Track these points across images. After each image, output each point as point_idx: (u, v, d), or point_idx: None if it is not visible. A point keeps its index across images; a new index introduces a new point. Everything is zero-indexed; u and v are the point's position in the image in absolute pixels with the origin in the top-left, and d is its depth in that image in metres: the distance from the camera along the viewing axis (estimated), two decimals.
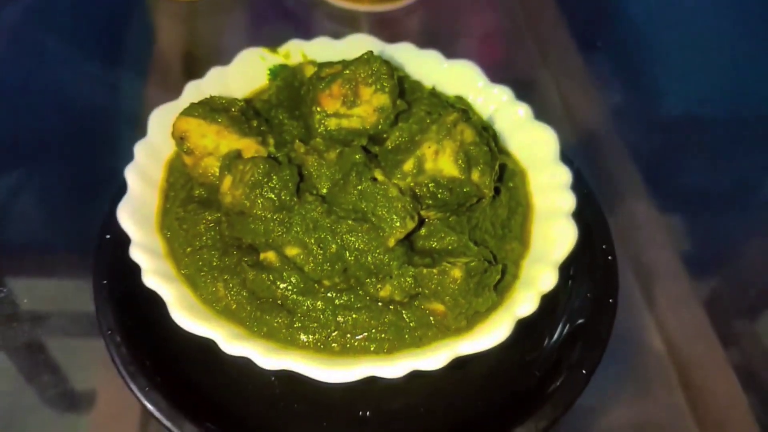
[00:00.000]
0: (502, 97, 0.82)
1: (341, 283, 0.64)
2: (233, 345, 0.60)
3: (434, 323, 0.63)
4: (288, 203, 0.64)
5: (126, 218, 0.68)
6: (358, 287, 0.63)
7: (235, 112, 0.72)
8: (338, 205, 0.64)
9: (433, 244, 0.66)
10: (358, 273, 0.63)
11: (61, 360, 0.86)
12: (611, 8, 1.44)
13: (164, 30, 1.30)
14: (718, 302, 0.96)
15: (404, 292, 0.62)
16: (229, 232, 0.66)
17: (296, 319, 0.63)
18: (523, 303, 0.65)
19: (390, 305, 0.63)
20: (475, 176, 0.66)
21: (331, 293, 0.63)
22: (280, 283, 0.63)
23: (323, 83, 0.71)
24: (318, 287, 0.63)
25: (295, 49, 0.87)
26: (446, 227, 0.67)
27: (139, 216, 0.70)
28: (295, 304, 0.63)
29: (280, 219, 0.63)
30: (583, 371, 0.71)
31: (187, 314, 0.62)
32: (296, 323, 0.63)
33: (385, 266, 0.62)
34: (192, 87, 0.81)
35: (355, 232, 0.62)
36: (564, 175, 0.74)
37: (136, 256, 0.65)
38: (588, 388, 0.70)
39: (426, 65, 0.86)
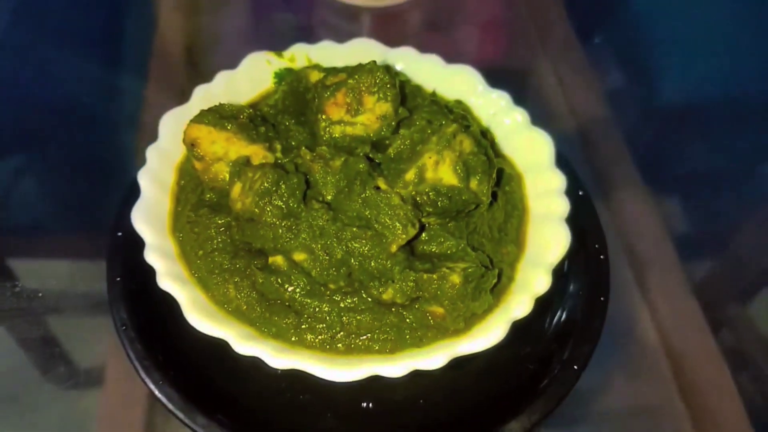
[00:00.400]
0: (500, 102, 0.85)
1: (346, 287, 0.67)
2: (244, 345, 0.64)
3: (434, 324, 0.67)
4: (295, 210, 0.67)
5: (140, 222, 0.71)
6: (362, 290, 0.67)
7: (243, 119, 0.75)
8: (343, 212, 0.67)
9: (433, 248, 0.70)
10: (362, 277, 0.67)
11: (70, 339, 0.89)
12: None
13: (166, 22, 1.31)
14: (710, 289, 1.00)
15: (405, 296, 0.66)
16: (239, 237, 0.69)
17: (303, 320, 0.66)
18: (518, 305, 0.68)
19: (392, 307, 0.67)
20: (473, 184, 0.69)
21: (336, 296, 0.67)
22: (288, 286, 0.66)
23: (328, 92, 0.74)
24: (324, 290, 0.67)
25: (299, 53, 0.89)
26: (445, 232, 0.70)
27: (152, 219, 0.73)
28: (303, 306, 0.67)
29: (288, 226, 0.66)
30: (575, 367, 0.75)
31: (200, 316, 0.65)
32: (303, 324, 0.66)
33: (387, 271, 0.66)
34: (201, 91, 0.83)
35: (359, 239, 0.65)
36: (558, 181, 0.78)
37: (151, 259, 0.68)
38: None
39: (427, 70, 0.88)
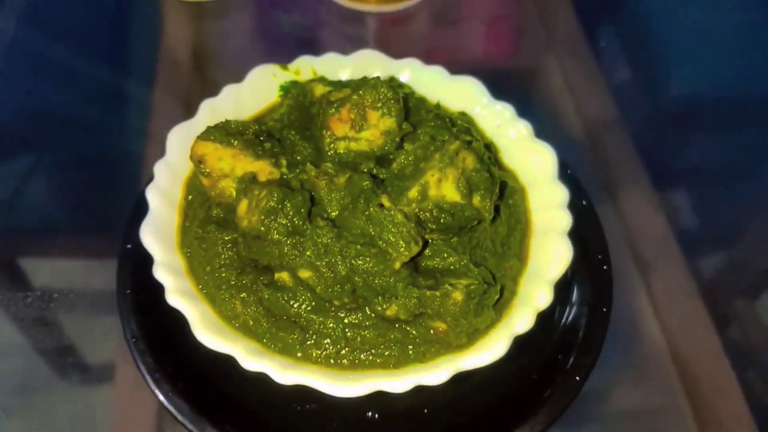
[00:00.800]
0: (504, 114, 0.85)
1: (350, 303, 0.68)
2: (251, 361, 0.65)
3: (437, 340, 0.68)
4: (300, 228, 0.68)
5: (149, 238, 0.73)
6: (366, 306, 0.68)
7: (249, 135, 0.76)
8: (347, 229, 0.68)
9: (436, 263, 0.71)
10: (366, 293, 0.68)
11: (79, 337, 0.90)
12: None
13: (171, 29, 1.32)
14: (717, 289, 0.99)
15: (409, 312, 0.67)
16: (246, 253, 0.71)
17: (309, 336, 0.68)
18: (520, 320, 0.69)
19: (396, 323, 0.68)
20: (476, 201, 0.70)
21: (341, 312, 0.68)
22: (294, 302, 0.68)
23: (333, 108, 0.75)
24: (329, 306, 0.68)
25: (305, 66, 0.90)
26: (448, 248, 0.71)
27: (160, 235, 0.74)
28: (308, 322, 0.68)
29: (294, 243, 0.67)
30: (577, 378, 0.76)
31: (208, 332, 0.67)
32: (309, 340, 0.68)
33: (391, 287, 0.67)
34: (207, 105, 0.84)
35: (363, 256, 0.66)
36: (561, 194, 0.78)
37: (160, 275, 0.70)
38: None
39: (431, 81, 0.89)
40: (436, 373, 0.66)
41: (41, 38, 1.25)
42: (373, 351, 0.67)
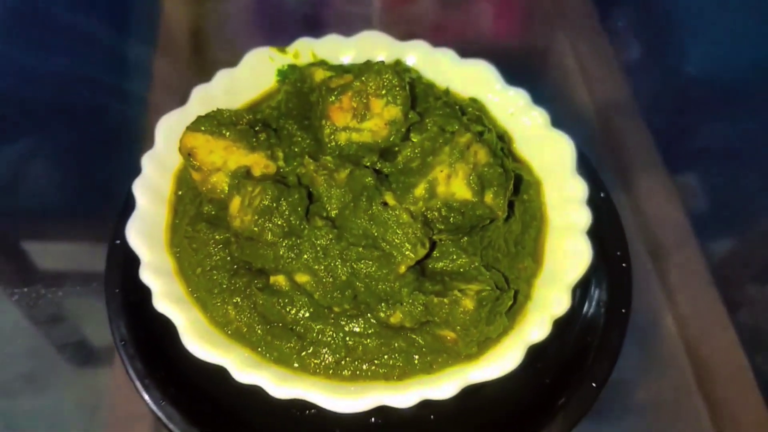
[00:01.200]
0: (518, 101, 0.79)
1: (351, 310, 0.63)
2: (245, 373, 0.61)
3: (444, 349, 0.63)
4: (297, 228, 0.63)
5: (135, 238, 0.68)
6: (368, 313, 0.63)
7: (243, 125, 0.71)
8: (348, 229, 0.63)
9: (444, 265, 0.66)
10: (368, 299, 0.63)
11: (79, 319, 0.88)
12: None
13: (171, 8, 1.27)
14: (729, 270, 0.96)
15: (414, 320, 0.62)
16: (239, 255, 0.66)
17: (307, 344, 0.63)
18: (535, 328, 0.64)
19: (400, 331, 0.63)
20: (488, 198, 0.64)
21: (341, 319, 0.63)
22: (290, 308, 0.63)
23: (333, 96, 0.69)
24: (328, 313, 0.63)
25: (304, 48, 0.84)
26: (458, 248, 0.66)
27: (148, 234, 0.69)
28: (306, 330, 0.63)
29: (290, 245, 0.62)
30: (594, 384, 0.71)
31: (198, 341, 0.62)
32: (307, 349, 0.63)
33: (395, 293, 0.62)
34: (199, 92, 0.79)
35: (365, 260, 0.61)
36: (580, 189, 0.73)
37: (147, 278, 0.65)
38: None
39: (440, 65, 0.83)
40: (444, 386, 0.61)
41: (39, 21, 1.22)
42: (375, 361, 0.63)
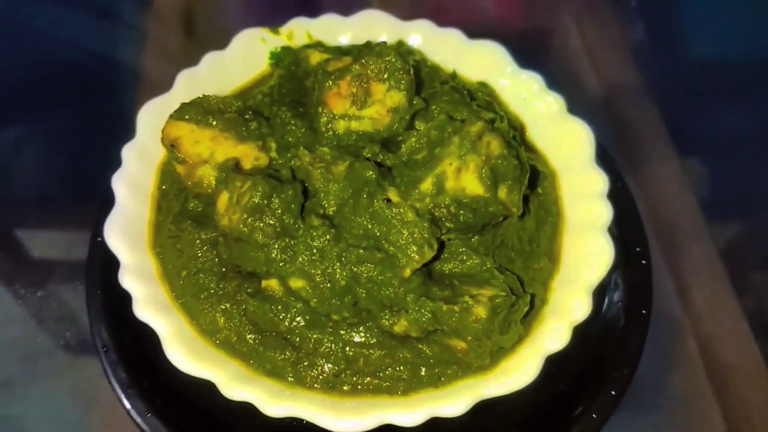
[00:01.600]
0: (532, 86, 0.73)
1: (351, 317, 0.58)
2: (234, 389, 0.55)
3: (454, 360, 0.58)
4: (291, 227, 0.57)
5: (115, 237, 0.62)
6: (369, 321, 0.58)
7: (231, 113, 0.65)
8: (347, 229, 0.57)
9: (452, 267, 0.60)
10: (370, 306, 0.57)
11: (72, 306, 0.85)
12: None
13: None
14: (743, 261, 0.93)
15: (421, 329, 0.56)
16: (227, 256, 0.60)
17: (302, 355, 0.57)
18: (553, 336, 0.59)
19: (405, 341, 0.58)
20: (502, 194, 0.58)
21: (340, 328, 0.57)
22: (284, 315, 0.57)
23: (330, 80, 0.63)
24: (326, 321, 0.57)
25: (299, 29, 0.78)
26: (468, 248, 0.60)
27: (129, 233, 0.64)
28: (302, 339, 0.57)
29: (283, 246, 0.57)
30: (613, 392, 0.66)
31: (183, 352, 0.56)
32: (303, 360, 0.57)
33: (400, 299, 0.56)
34: (185, 77, 0.72)
35: (367, 263, 0.56)
36: (600, 182, 0.67)
37: (127, 282, 0.59)
38: None
39: (446, 46, 0.77)
40: (454, 403, 0.55)
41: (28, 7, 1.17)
42: (378, 374, 0.57)
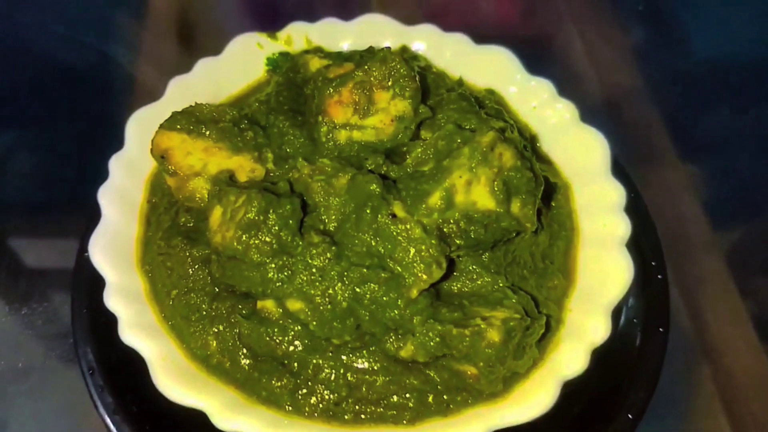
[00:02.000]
0: (542, 93, 0.70)
1: (354, 342, 0.54)
2: (228, 419, 0.52)
3: (464, 387, 0.54)
4: (289, 245, 0.53)
5: (100, 255, 0.59)
6: (373, 346, 0.54)
7: (225, 122, 0.61)
8: (349, 246, 0.53)
9: (461, 286, 0.56)
10: (374, 329, 0.54)
11: (62, 320, 0.82)
12: None
13: None
14: (746, 263, 0.90)
15: (429, 353, 0.52)
16: (220, 276, 0.56)
17: (301, 382, 0.54)
18: (570, 360, 0.55)
19: (412, 367, 0.54)
20: (515, 208, 0.55)
21: (342, 353, 0.54)
22: (281, 339, 0.53)
23: (331, 87, 0.60)
24: (326, 345, 0.54)
25: (297, 34, 0.75)
26: (479, 266, 0.56)
27: (115, 250, 0.60)
28: (300, 365, 0.54)
29: (280, 265, 0.53)
30: (630, 416, 0.63)
31: (173, 380, 0.53)
32: (301, 387, 0.54)
33: (406, 322, 0.53)
34: (177, 84, 0.69)
35: (370, 283, 0.52)
36: (616, 194, 0.63)
37: (113, 304, 0.56)
38: None
39: (452, 52, 0.74)
40: (465, 431, 0.51)
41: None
42: (383, 402, 0.54)
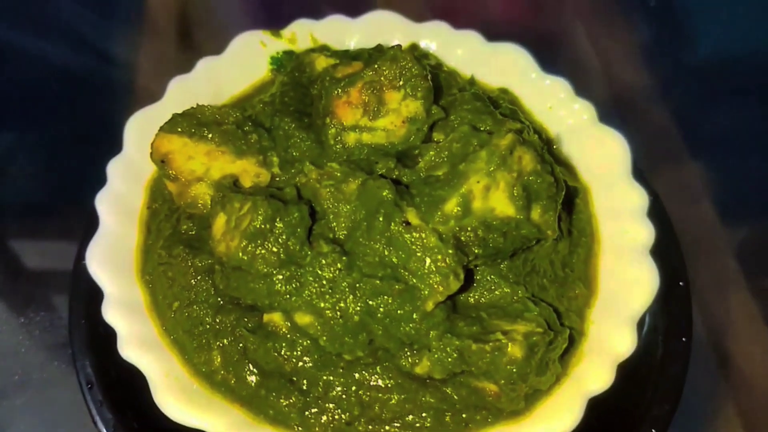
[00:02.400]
0: (559, 93, 0.67)
1: (366, 357, 0.51)
2: None
3: (484, 405, 0.51)
4: (297, 255, 0.50)
5: (98, 265, 0.56)
6: (387, 362, 0.51)
7: (229, 125, 0.58)
8: (360, 255, 0.50)
9: (479, 297, 0.53)
10: (387, 344, 0.51)
11: (64, 321, 0.77)
12: None
13: None
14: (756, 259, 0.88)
15: (446, 370, 0.50)
16: (224, 287, 0.53)
17: (311, 400, 0.51)
18: (595, 375, 0.52)
19: (428, 384, 0.51)
20: (536, 215, 0.52)
21: (354, 369, 0.51)
22: (290, 354, 0.50)
23: (339, 88, 0.57)
24: (337, 360, 0.51)
25: (302, 32, 0.72)
26: (497, 276, 0.53)
27: (114, 259, 0.58)
28: (309, 382, 0.51)
29: (288, 276, 0.50)
30: (653, 430, 0.61)
31: (175, 399, 0.50)
32: (311, 405, 0.51)
33: (421, 336, 0.50)
34: (177, 84, 0.67)
35: (383, 295, 0.49)
36: (638, 198, 0.61)
37: (112, 317, 0.53)
38: None
39: (463, 50, 0.72)
40: None
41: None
42: (397, 421, 0.51)
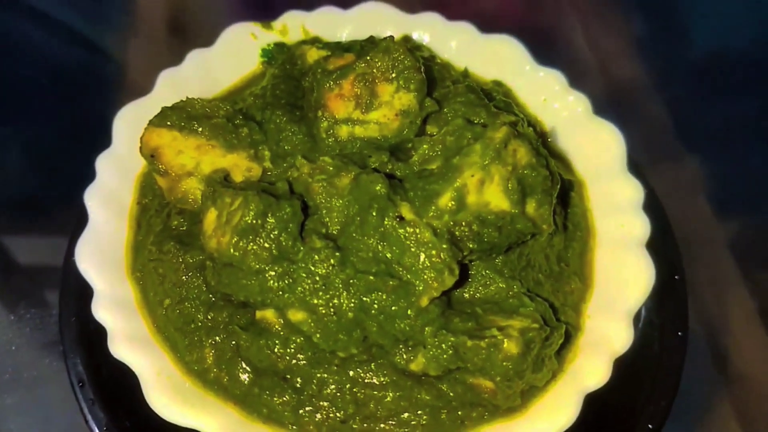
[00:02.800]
0: (553, 86, 0.67)
1: (360, 354, 0.51)
2: None
3: (480, 402, 0.50)
4: (289, 250, 0.49)
5: (87, 262, 0.55)
6: (381, 359, 0.50)
7: (219, 118, 0.57)
8: (354, 251, 0.50)
9: (475, 292, 0.53)
10: (382, 341, 0.50)
11: (54, 318, 0.76)
12: None
13: None
14: (750, 253, 0.88)
15: (441, 366, 0.49)
16: (216, 283, 0.52)
17: (305, 398, 0.51)
18: (591, 371, 0.52)
19: (423, 381, 0.50)
20: (531, 209, 0.51)
21: (348, 366, 0.50)
22: (283, 351, 0.50)
23: (331, 80, 0.56)
24: (331, 358, 0.50)
25: (293, 23, 0.72)
26: (492, 271, 0.53)
27: (103, 256, 0.57)
28: (303, 379, 0.51)
29: (280, 273, 0.49)
30: (650, 426, 0.62)
31: (167, 398, 0.49)
32: (305, 404, 0.51)
33: (416, 333, 0.49)
34: (167, 77, 0.66)
35: (377, 291, 0.48)
36: (633, 191, 0.60)
37: (102, 314, 0.52)
38: None
39: (457, 42, 0.71)
40: None
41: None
42: (393, 419, 0.51)
